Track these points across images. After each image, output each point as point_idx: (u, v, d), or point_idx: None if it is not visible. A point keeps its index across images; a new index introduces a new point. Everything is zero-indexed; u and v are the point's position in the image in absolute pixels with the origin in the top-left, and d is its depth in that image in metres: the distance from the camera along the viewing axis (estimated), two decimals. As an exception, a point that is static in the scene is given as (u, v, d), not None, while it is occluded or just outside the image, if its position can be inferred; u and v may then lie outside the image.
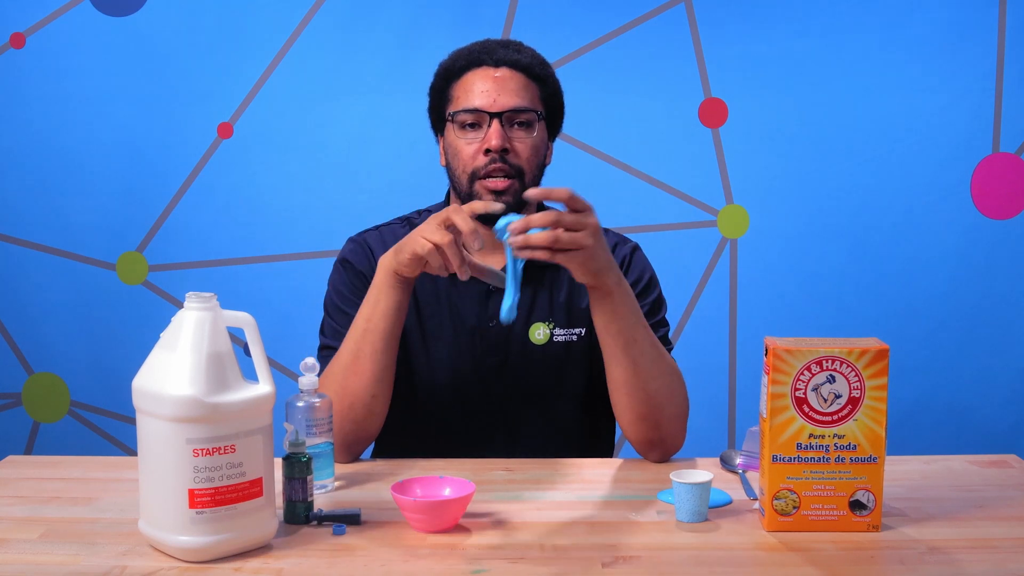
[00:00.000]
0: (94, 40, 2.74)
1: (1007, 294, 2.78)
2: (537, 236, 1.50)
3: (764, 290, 2.80)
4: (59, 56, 2.75)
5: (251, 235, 2.80)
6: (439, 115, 1.85)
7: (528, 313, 1.84)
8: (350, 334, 1.71)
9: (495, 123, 1.75)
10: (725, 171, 2.77)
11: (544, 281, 1.85)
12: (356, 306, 1.80)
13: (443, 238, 1.56)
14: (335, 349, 1.79)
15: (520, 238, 1.50)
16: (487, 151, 1.75)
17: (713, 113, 2.76)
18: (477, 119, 1.77)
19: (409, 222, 1.92)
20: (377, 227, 1.93)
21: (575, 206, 1.52)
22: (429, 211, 1.93)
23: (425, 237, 1.58)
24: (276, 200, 2.79)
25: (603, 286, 1.61)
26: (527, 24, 2.72)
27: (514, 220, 1.51)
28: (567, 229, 1.51)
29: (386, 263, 1.67)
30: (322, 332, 1.87)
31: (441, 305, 1.85)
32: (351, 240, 1.91)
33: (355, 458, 1.76)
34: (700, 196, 2.78)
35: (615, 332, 1.66)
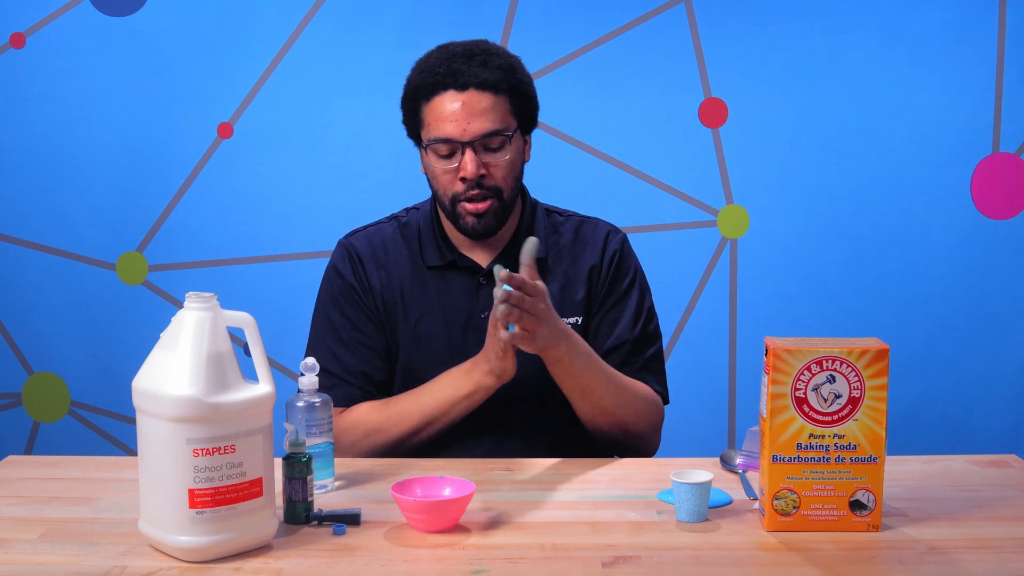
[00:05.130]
0: (94, 40, 2.74)
1: (1007, 294, 2.78)
2: (499, 311, 1.60)
3: (764, 290, 2.79)
4: (59, 56, 2.75)
5: (251, 235, 2.80)
6: (413, 130, 1.86)
7: None
8: (414, 411, 1.78)
9: (468, 152, 1.77)
10: (725, 171, 2.77)
11: (537, 271, 1.85)
12: (350, 322, 1.84)
13: (506, 346, 1.67)
14: (339, 379, 1.82)
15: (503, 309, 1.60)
16: (463, 179, 1.78)
17: (713, 113, 2.76)
18: (450, 148, 1.78)
19: (397, 220, 1.94)
20: (365, 227, 1.94)
21: (527, 291, 1.60)
22: (417, 209, 1.95)
23: (501, 357, 1.69)
24: (276, 200, 2.79)
25: (551, 356, 1.70)
26: (527, 24, 2.71)
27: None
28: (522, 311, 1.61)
29: (489, 383, 1.73)
30: (314, 348, 1.87)
31: (432, 301, 1.86)
32: (340, 245, 1.93)
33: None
34: (700, 196, 2.78)
35: (570, 385, 1.75)
